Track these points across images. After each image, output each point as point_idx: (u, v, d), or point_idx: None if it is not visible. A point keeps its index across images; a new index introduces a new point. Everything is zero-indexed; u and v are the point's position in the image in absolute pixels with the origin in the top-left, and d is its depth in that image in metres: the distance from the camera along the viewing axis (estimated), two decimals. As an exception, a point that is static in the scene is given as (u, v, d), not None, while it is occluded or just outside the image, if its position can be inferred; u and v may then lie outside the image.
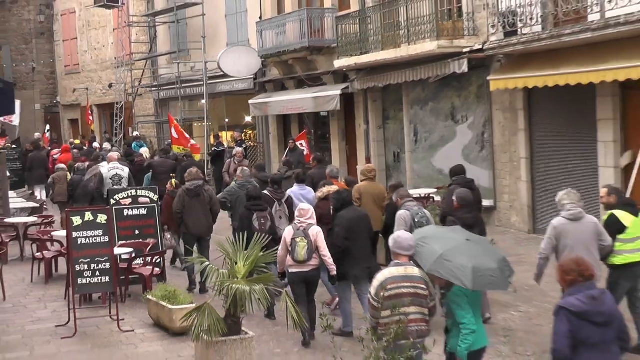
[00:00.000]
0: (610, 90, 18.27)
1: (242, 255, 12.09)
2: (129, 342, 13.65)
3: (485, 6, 20.88)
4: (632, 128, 18.54)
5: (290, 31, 28.86)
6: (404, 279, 9.41)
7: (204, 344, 11.79)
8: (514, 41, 19.48)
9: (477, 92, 22.30)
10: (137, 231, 17.45)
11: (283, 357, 13.06)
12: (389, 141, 27.08)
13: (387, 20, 24.21)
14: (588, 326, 7.68)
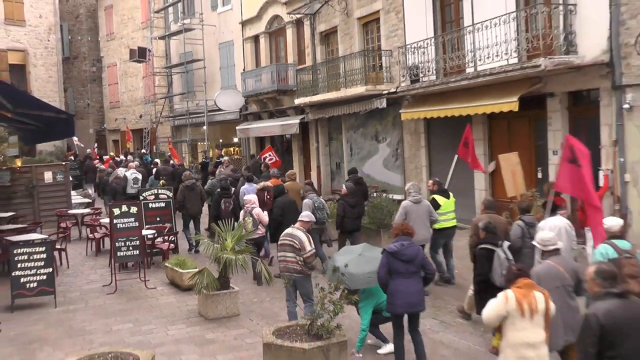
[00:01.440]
0: (480, 119, 18.67)
1: (230, 235, 12.61)
2: (152, 296, 14.10)
3: (397, 62, 21.19)
4: (495, 145, 19.02)
5: (265, 79, 29.06)
6: (289, 235, 10.89)
7: (204, 296, 12.42)
8: (417, 86, 19.89)
9: (393, 120, 22.51)
10: (158, 218, 18.02)
11: (258, 304, 13.41)
12: (333, 154, 27.26)
13: (331, 72, 24.43)
14: (397, 262, 9.09)
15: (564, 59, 15.29)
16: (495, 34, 16.55)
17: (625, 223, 14.09)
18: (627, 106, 14.59)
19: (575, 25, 15.51)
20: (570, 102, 16.44)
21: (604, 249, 9.08)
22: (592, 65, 15.15)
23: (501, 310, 7.16)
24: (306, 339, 8.92)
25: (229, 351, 10.56)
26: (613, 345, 5.97)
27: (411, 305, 9.15)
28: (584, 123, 16.19)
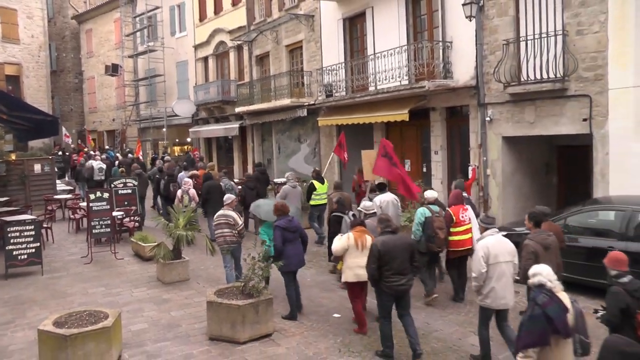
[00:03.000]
0: (380, 126, 18.91)
1: (181, 215, 12.41)
2: (120, 265, 13.79)
3: (316, 81, 21.21)
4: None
5: (212, 91, 28.60)
6: (223, 215, 11.11)
7: (161, 265, 12.25)
8: (330, 100, 19.90)
9: (312, 126, 22.46)
10: (126, 202, 17.34)
11: (204, 271, 13.26)
12: (265, 152, 26.97)
13: (264, 87, 24.18)
14: (287, 233, 9.69)
15: (442, 82, 15.62)
16: (391, 62, 16.84)
17: (485, 206, 14.72)
18: (488, 119, 15.04)
19: (452, 57, 15.84)
20: (448, 114, 16.77)
21: (423, 210, 10.46)
22: (463, 87, 15.52)
23: (345, 245, 8.88)
24: (240, 298, 8.95)
25: (180, 308, 10.47)
26: (387, 263, 7.80)
27: (300, 262, 9.90)
28: (457, 131, 16.54)
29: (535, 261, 7.23)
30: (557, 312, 5.63)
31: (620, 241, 9.89)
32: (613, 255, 6.52)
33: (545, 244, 8.04)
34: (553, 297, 5.71)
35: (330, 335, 9.07)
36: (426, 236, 10.31)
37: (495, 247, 7.65)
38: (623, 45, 12.09)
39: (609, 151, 12.48)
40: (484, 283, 7.62)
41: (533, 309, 5.76)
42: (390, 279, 7.79)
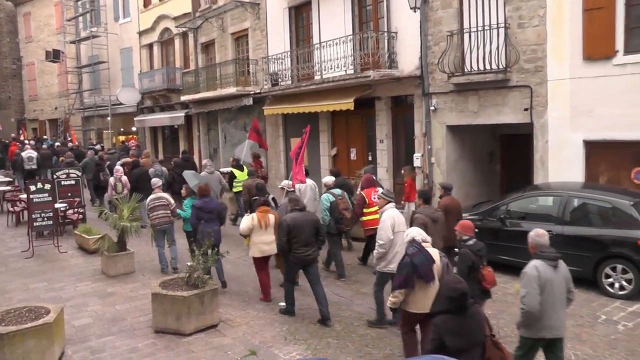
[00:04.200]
0: (325, 115, 18.70)
1: (126, 206, 12.08)
2: (64, 259, 13.30)
3: (262, 69, 20.83)
4: (336, 135, 19.11)
5: (157, 79, 27.79)
6: (157, 198, 11.80)
7: (106, 257, 11.87)
8: (276, 89, 19.57)
9: (258, 115, 21.90)
10: (69, 193, 16.63)
11: (150, 262, 12.88)
12: (211, 141, 26.41)
13: (210, 75, 23.56)
14: (202, 212, 10.56)
15: (387, 72, 15.55)
16: (337, 51, 16.65)
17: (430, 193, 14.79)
18: (432, 108, 15.06)
19: (397, 47, 15.79)
20: (393, 104, 16.71)
21: (327, 196, 11.34)
22: (408, 77, 15.49)
23: (250, 225, 9.82)
24: (185, 289, 8.79)
25: (126, 301, 10.17)
26: (295, 236, 8.84)
27: (217, 240, 10.45)
28: (402, 119, 16.52)
29: (425, 231, 7.74)
30: (422, 262, 6.71)
31: (558, 225, 10.28)
32: (462, 222, 7.78)
33: (434, 217, 9.06)
34: (421, 250, 6.81)
35: (276, 323, 9.00)
36: (334, 219, 11.15)
37: (398, 217, 8.59)
38: (560, 39, 12.40)
39: (548, 140, 12.79)
40: (389, 249, 8.40)
41: (403, 258, 6.92)
42: (298, 250, 8.90)
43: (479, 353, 5.23)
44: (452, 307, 5.22)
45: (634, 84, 11.36)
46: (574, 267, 9.74)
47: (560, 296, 6.16)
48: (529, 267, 6.15)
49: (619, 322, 8.72)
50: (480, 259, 7.44)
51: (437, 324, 5.24)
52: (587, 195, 10.41)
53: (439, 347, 5.08)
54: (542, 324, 6.09)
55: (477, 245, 7.52)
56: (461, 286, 5.31)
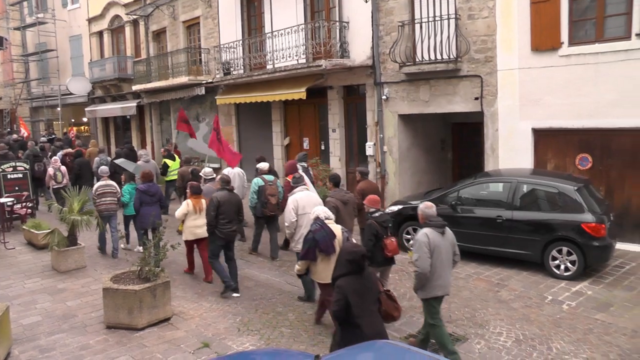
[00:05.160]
0: (278, 104, 18.52)
1: (76, 199, 11.65)
2: (11, 255, 12.74)
3: (214, 58, 20.39)
4: (289, 124, 18.88)
5: (108, 68, 26.90)
6: (105, 185, 12.22)
7: (56, 252, 11.42)
8: (228, 78, 19.14)
9: (210, 105, 21.62)
10: (17, 187, 15.98)
11: (102, 257, 12.49)
12: (164, 132, 25.75)
13: (161, 64, 22.94)
14: (145, 196, 11.39)
15: (339, 61, 15.41)
16: (289, 40, 16.41)
17: (382, 181, 14.78)
18: (384, 97, 15.02)
19: (348, 37, 15.65)
20: (345, 93, 16.60)
21: (257, 180, 11.74)
22: (360, 67, 15.39)
23: (185, 210, 10.30)
24: (137, 282, 8.55)
25: (77, 297, 9.77)
26: (222, 212, 9.44)
27: (153, 222, 10.90)
28: (354, 109, 16.43)
29: (336, 214, 8.68)
30: (323, 237, 7.40)
31: (508, 210, 10.42)
32: (370, 197, 8.38)
33: (344, 200, 9.44)
34: (323, 226, 7.49)
35: (229, 315, 8.82)
36: (260, 202, 11.58)
37: (304, 200, 9.04)
38: (509, 31, 12.57)
39: (498, 128, 12.97)
40: (295, 230, 8.99)
41: (307, 234, 7.62)
42: (224, 226, 9.48)
43: (377, 307, 5.81)
44: (352, 269, 5.65)
45: (578, 74, 11.63)
46: (524, 250, 10.24)
47: (447, 259, 6.87)
48: (419, 234, 6.78)
49: (563, 301, 8.95)
50: (385, 230, 8.07)
51: (341, 285, 5.63)
52: (535, 181, 10.56)
53: (344, 306, 5.54)
54: (434, 283, 6.77)
55: (383, 217, 8.16)
56: (359, 249, 5.81)
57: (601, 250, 9.62)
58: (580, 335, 7.73)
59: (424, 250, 6.61)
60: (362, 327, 5.50)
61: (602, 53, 11.30)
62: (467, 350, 7.32)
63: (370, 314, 5.64)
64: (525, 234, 10.16)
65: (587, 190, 10.10)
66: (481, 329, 7.96)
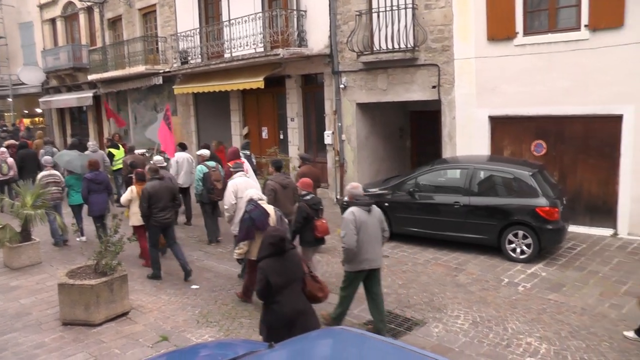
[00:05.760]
0: (236, 94, 18.27)
1: (29, 192, 11.14)
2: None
3: (171, 47, 19.94)
4: (247, 114, 18.66)
5: (62, 57, 26.03)
6: (49, 175, 12.08)
7: (8, 249, 10.93)
8: (186, 67, 18.73)
9: (168, 94, 21.11)
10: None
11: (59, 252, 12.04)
12: (121, 122, 25.11)
13: (117, 53, 22.32)
14: (93, 184, 11.28)
15: (297, 50, 15.22)
16: (246, 29, 16.13)
17: (342, 170, 14.73)
18: (342, 86, 14.93)
19: (306, 26, 15.48)
20: (303, 82, 16.44)
21: (201, 167, 11.70)
22: (318, 55, 15.25)
23: (129, 197, 10.27)
24: (94, 277, 8.25)
25: (31, 294, 9.38)
26: (155, 202, 9.41)
27: (101, 210, 11.38)
28: (312, 97, 16.30)
29: (275, 196, 9.19)
30: (259, 215, 7.71)
31: (465, 196, 10.45)
32: (302, 180, 8.59)
33: (283, 184, 9.60)
34: (257, 206, 7.82)
35: (188, 307, 8.62)
36: (206, 189, 11.59)
37: (243, 184, 9.08)
38: (465, 20, 12.62)
39: (455, 116, 13.03)
40: (234, 213, 9.01)
41: (243, 215, 7.89)
42: (158, 215, 9.47)
43: (300, 287, 5.95)
44: (273, 251, 5.79)
45: (532, 63, 11.77)
46: (481, 235, 10.29)
47: (375, 235, 7.13)
48: (347, 212, 7.06)
49: (519, 283, 9.05)
50: (316, 212, 8.31)
51: (262, 266, 5.79)
52: (491, 167, 10.64)
53: (266, 286, 5.71)
54: (361, 257, 7.04)
55: (314, 199, 8.39)
56: (278, 233, 5.97)
57: (555, 233, 9.78)
58: (534, 315, 7.84)
59: (350, 227, 6.89)
60: (284, 306, 5.72)
61: (554, 43, 11.46)
62: (425, 334, 7.34)
63: (292, 294, 5.81)
64: (482, 219, 10.22)
65: (541, 175, 10.23)
66: (439, 313, 7.99)
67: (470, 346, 6.97)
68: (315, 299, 6.20)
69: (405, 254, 10.72)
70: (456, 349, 6.92)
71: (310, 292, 6.11)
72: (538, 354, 6.77)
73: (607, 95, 10.97)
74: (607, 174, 11.31)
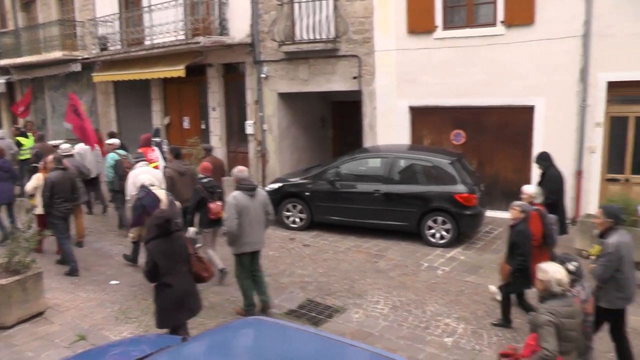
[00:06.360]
0: (157, 82, 17.03)
1: None
2: None
3: (89, 33, 18.35)
4: (168, 104, 17.43)
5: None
6: None
7: None
8: (105, 54, 17.32)
9: (87, 82, 19.47)
10: None
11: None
12: (38, 112, 22.62)
13: (32, 37, 20.42)
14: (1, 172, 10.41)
15: (219, 38, 14.36)
16: (167, 15, 15.00)
17: (263, 159, 13.97)
18: (263, 75, 14.24)
19: (228, 14, 14.60)
20: (225, 71, 15.53)
21: (113, 155, 11.00)
22: (239, 44, 14.45)
23: (35, 184, 9.42)
24: (5, 276, 7.21)
25: None
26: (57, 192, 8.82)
27: (10, 197, 10.65)
28: (234, 87, 15.41)
29: (172, 183, 9.08)
30: (150, 202, 7.64)
31: (385, 184, 10.15)
32: (202, 164, 8.49)
33: (181, 171, 9.44)
34: (149, 193, 7.78)
35: (107, 304, 7.85)
36: (118, 176, 10.86)
37: (142, 174, 8.72)
38: (386, 13, 12.31)
39: (376, 106, 12.71)
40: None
41: (135, 202, 7.82)
42: (61, 205, 8.92)
43: (187, 268, 5.78)
44: (159, 233, 5.62)
45: (451, 56, 11.63)
46: (401, 222, 10.10)
47: (258, 218, 7.04)
48: (229, 197, 6.95)
49: (438, 267, 8.95)
50: (211, 195, 8.14)
51: (149, 248, 5.64)
52: (411, 156, 10.41)
53: (153, 267, 5.57)
54: (243, 240, 6.97)
55: (210, 183, 8.22)
56: (164, 214, 5.77)
57: (473, 218, 9.73)
58: (452, 297, 7.83)
59: (232, 211, 6.82)
60: (172, 286, 5.61)
61: (473, 37, 11.38)
62: (345, 320, 7.13)
63: (179, 274, 5.69)
64: (403, 206, 9.98)
65: (460, 163, 10.13)
66: (359, 299, 7.77)
67: (390, 330, 6.85)
68: (201, 279, 6.01)
69: (327, 243, 10.35)
70: (376, 333, 6.77)
71: (196, 273, 5.93)
72: (455, 333, 6.76)
73: (520, 87, 11.00)
74: (521, 162, 11.33)
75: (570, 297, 4.33)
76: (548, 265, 4.38)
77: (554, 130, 10.73)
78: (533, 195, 7.04)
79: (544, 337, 4.06)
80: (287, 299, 7.80)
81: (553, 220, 7.05)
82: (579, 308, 4.41)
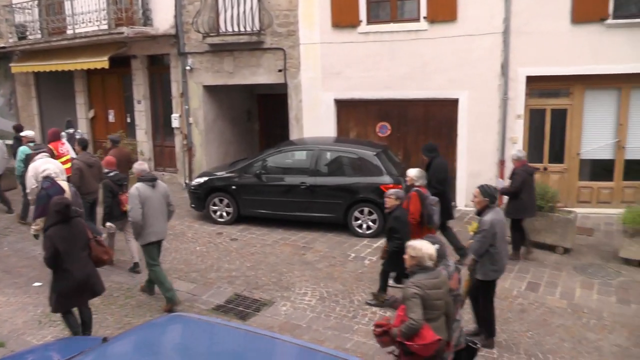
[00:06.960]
0: (81, 74, 15.56)
1: None
2: None
3: (5, 20, 16.59)
4: (93, 96, 16.00)
5: None
6: None
7: None
8: (24, 43, 15.60)
9: (5, 73, 17.61)
10: None
11: None
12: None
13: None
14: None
15: (142, 29, 13.28)
16: (89, 4, 13.68)
17: (189, 153, 12.98)
18: (188, 68, 13.28)
19: (151, 4, 13.50)
20: (149, 63, 14.36)
21: (24, 149, 10.25)
22: (164, 35, 13.40)
23: None
24: None
25: None
26: None
27: None
28: (159, 79, 14.31)
29: (80, 174, 8.69)
30: (55, 192, 7.06)
31: (311, 177, 9.67)
32: (106, 158, 8.35)
33: (89, 163, 9.05)
34: (54, 184, 7.40)
35: (29, 307, 7.11)
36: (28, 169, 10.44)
37: (43, 165, 8.26)
38: (310, 7, 11.85)
39: (302, 99, 12.17)
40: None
41: (40, 192, 7.40)
42: None
43: (87, 253, 5.68)
44: (59, 219, 5.47)
45: (375, 50, 11.30)
46: (328, 213, 9.64)
47: (161, 209, 6.92)
48: (132, 188, 6.83)
49: (365, 257, 8.66)
50: (120, 187, 7.98)
51: (50, 234, 5.48)
52: (336, 148, 9.98)
53: (54, 253, 5.40)
54: (148, 230, 6.80)
55: (117, 176, 8.06)
56: (63, 200, 5.61)
57: None
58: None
59: (135, 202, 6.70)
60: (72, 272, 5.50)
61: (397, 32, 11.11)
62: (273, 313, 6.82)
63: (80, 259, 5.58)
64: (329, 198, 9.52)
65: (385, 155, 9.78)
66: (287, 292, 7.43)
67: (317, 321, 6.62)
68: (101, 262, 5.91)
69: (254, 236, 9.74)
70: (303, 325, 6.52)
71: (96, 256, 5.82)
72: (382, 321, 6.40)
73: (444, 81, 10.80)
74: (447, 153, 10.96)
75: (436, 270, 4.42)
76: (418, 242, 4.47)
77: (477, 122, 10.63)
78: (414, 178, 7.01)
79: (411, 308, 4.17)
80: (214, 294, 7.39)
81: (433, 201, 7.01)
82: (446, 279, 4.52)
